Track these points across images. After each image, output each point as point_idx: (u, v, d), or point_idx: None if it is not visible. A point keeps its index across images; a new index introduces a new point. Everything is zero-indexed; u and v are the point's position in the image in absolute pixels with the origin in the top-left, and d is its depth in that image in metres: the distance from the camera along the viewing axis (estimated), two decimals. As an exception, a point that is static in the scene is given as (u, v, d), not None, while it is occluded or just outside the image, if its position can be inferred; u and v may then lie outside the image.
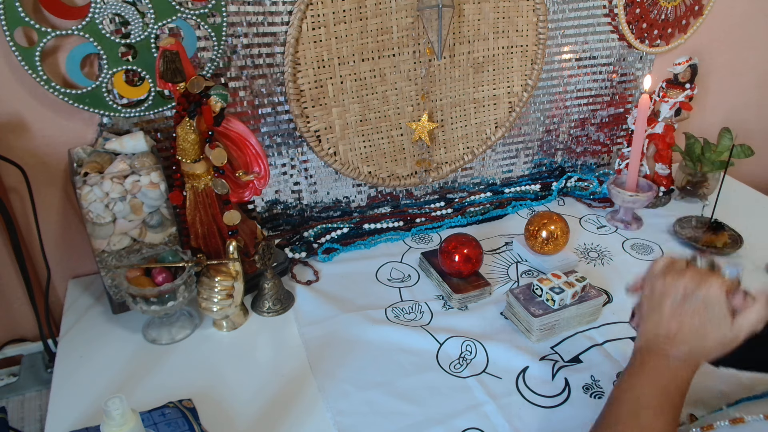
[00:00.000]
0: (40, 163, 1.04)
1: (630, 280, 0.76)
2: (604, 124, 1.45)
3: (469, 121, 1.31)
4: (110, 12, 0.94)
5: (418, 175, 1.31)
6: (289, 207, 1.25)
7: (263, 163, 1.01)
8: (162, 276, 0.93)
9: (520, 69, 1.30)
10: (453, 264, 1.04)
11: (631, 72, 1.40)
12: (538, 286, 0.97)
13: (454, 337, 0.97)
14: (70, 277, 1.14)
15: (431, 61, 1.20)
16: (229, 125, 0.97)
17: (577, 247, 1.21)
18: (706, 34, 1.43)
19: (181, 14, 0.98)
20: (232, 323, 1.00)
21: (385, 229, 1.25)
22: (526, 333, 0.97)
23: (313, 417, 0.83)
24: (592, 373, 0.90)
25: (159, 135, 1.07)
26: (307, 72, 1.12)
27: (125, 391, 0.87)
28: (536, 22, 1.25)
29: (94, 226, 0.94)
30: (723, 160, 1.30)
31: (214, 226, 1.00)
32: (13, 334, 1.18)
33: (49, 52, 0.96)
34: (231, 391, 0.87)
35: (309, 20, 1.08)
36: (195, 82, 0.88)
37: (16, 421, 1.07)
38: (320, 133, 1.19)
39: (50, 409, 0.84)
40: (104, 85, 0.98)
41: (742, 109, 1.64)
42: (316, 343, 0.96)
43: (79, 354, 0.95)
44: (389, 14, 1.13)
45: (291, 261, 1.15)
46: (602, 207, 1.36)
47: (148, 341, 0.97)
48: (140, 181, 0.94)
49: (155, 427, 0.78)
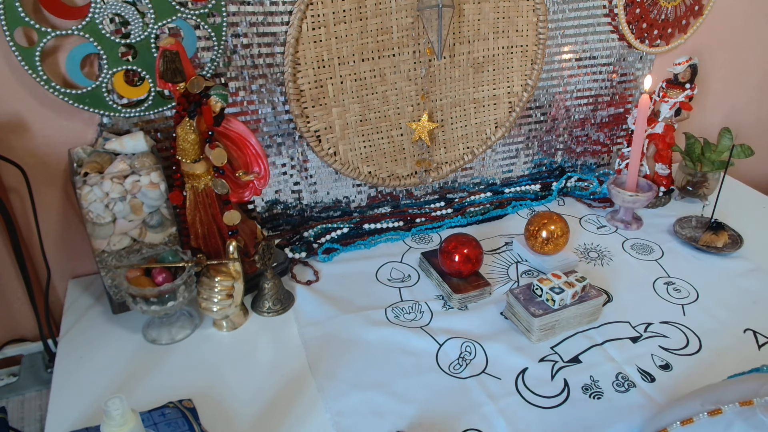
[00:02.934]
0: (40, 163, 1.04)
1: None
2: (604, 124, 1.45)
3: (469, 121, 1.31)
4: (110, 12, 0.94)
5: (418, 175, 1.31)
6: (289, 207, 1.25)
7: (263, 163, 1.01)
8: (162, 276, 0.93)
9: (520, 69, 1.30)
10: (453, 264, 1.04)
11: (631, 72, 1.40)
12: (538, 286, 0.97)
13: (453, 338, 0.97)
14: (70, 277, 1.14)
15: (431, 61, 1.20)
16: (229, 125, 0.97)
17: (577, 247, 1.21)
18: (706, 34, 1.43)
19: (181, 14, 0.98)
20: (232, 323, 1.00)
21: (385, 229, 1.25)
22: (526, 333, 0.97)
23: (312, 417, 0.83)
24: (592, 373, 0.90)
25: (159, 135, 1.07)
26: (307, 72, 1.12)
27: (125, 391, 0.87)
28: (536, 22, 1.25)
29: (94, 226, 0.94)
30: (723, 160, 1.30)
31: (214, 226, 1.00)
32: (13, 334, 1.18)
33: (49, 52, 0.96)
34: (231, 391, 0.87)
35: (309, 20, 1.08)
36: (195, 82, 0.88)
37: (16, 421, 1.07)
38: (320, 133, 1.19)
39: (50, 409, 0.84)
40: (104, 85, 0.98)
41: (742, 109, 1.64)
42: (316, 343, 0.96)
43: (79, 354, 0.95)
44: (389, 14, 1.13)
45: (291, 261, 1.15)
46: (602, 207, 1.36)
47: (148, 341, 0.97)
48: (140, 181, 0.94)
49: (155, 427, 0.78)
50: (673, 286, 1.10)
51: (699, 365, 0.92)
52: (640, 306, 1.05)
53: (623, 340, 0.97)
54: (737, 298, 1.07)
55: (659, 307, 1.05)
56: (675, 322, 1.01)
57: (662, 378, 0.90)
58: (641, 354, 0.94)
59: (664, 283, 1.11)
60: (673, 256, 1.19)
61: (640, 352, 0.94)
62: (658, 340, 0.97)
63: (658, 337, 0.98)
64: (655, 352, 0.95)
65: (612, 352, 0.94)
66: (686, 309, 1.04)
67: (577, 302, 0.97)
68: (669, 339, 0.97)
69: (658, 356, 0.94)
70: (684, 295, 1.08)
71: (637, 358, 0.93)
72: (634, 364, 0.92)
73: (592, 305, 0.99)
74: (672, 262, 1.17)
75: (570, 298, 0.96)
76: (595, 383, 0.89)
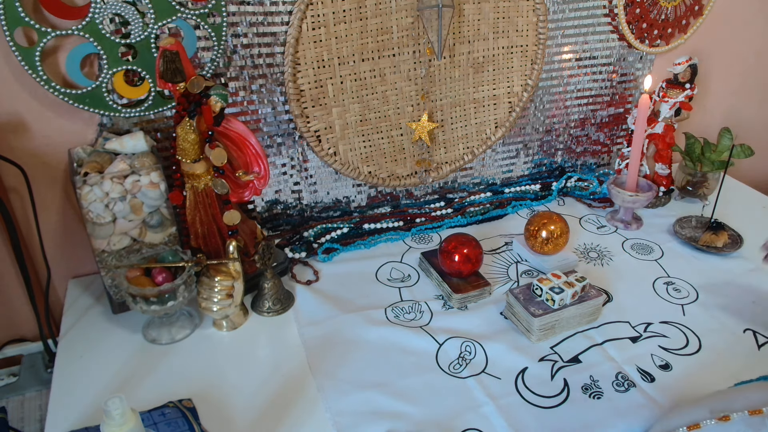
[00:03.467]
0: (40, 163, 1.04)
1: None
2: (604, 124, 1.45)
3: (469, 121, 1.31)
4: (110, 12, 0.94)
5: (418, 175, 1.31)
6: (289, 207, 1.25)
7: (263, 163, 1.01)
8: (162, 276, 0.93)
9: (520, 69, 1.30)
10: (453, 264, 1.04)
11: (631, 72, 1.40)
12: (538, 286, 0.97)
13: (453, 338, 0.97)
14: (70, 277, 1.14)
15: (431, 61, 1.20)
16: (229, 125, 0.97)
17: (577, 247, 1.21)
18: (706, 34, 1.43)
19: (181, 14, 0.98)
20: (232, 323, 1.00)
21: (385, 229, 1.25)
22: (525, 333, 0.97)
23: (312, 417, 0.83)
24: (591, 373, 0.90)
25: (159, 135, 1.07)
26: (307, 72, 1.12)
27: (125, 391, 0.87)
28: (536, 22, 1.25)
29: (94, 226, 0.94)
30: (723, 160, 1.30)
31: (214, 226, 1.00)
32: (13, 334, 1.18)
33: (49, 52, 0.96)
34: (231, 391, 0.87)
35: (309, 20, 1.08)
36: (195, 82, 0.88)
37: (16, 421, 1.07)
38: (320, 133, 1.19)
39: (50, 409, 0.84)
40: (104, 85, 0.98)
41: (742, 109, 1.64)
42: (316, 343, 0.96)
43: (79, 354, 0.95)
44: (389, 14, 1.13)
45: (291, 261, 1.15)
46: (602, 207, 1.36)
47: (148, 341, 0.97)
48: (140, 181, 0.94)
49: (155, 427, 0.78)
50: (672, 286, 1.10)
51: (699, 365, 0.92)
52: (640, 306, 1.05)
53: (623, 340, 0.97)
54: (737, 298, 1.07)
55: (659, 307, 1.05)
56: (675, 322, 1.01)
57: (662, 378, 0.90)
58: (641, 354, 0.94)
59: (664, 283, 1.11)
60: (673, 256, 1.19)
61: (639, 352, 0.94)
62: (658, 340, 0.97)
63: (657, 337, 0.98)
64: (654, 352, 0.95)
65: (612, 352, 0.94)
66: (686, 309, 1.04)
67: (576, 302, 0.97)
68: (669, 339, 0.97)
69: (657, 356, 0.94)
70: (684, 295, 1.08)
71: (637, 358, 0.93)
72: (634, 364, 0.92)
73: (592, 305, 0.99)
74: (672, 262, 1.17)
75: (570, 298, 0.96)
76: (595, 383, 0.89)
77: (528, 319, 0.95)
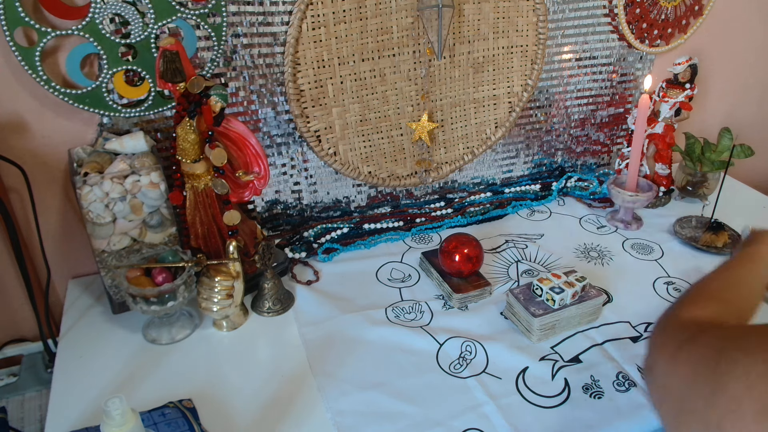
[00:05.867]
0: (40, 163, 1.04)
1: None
2: (604, 124, 1.45)
3: (469, 121, 1.31)
4: (110, 12, 0.94)
5: (418, 175, 1.31)
6: (289, 207, 1.25)
7: (263, 163, 1.01)
8: (162, 276, 0.93)
9: (520, 69, 1.30)
10: (453, 264, 1.04)
11: (631, 72, 1.40)
12: (538, 286, 0.97)
13: (454, 338, 0.97)
14: (70, 277, 1.14)
15: (431, 61, 1.20)
16: (229, 125, 0.97)
17: (577, 247, 1.21)
18: (706, 34, 1.43)
19: (181, 14, 0.98)
20: (232, 323, 1.00)
21: (385, 229, 1.25)
22: (526, 333, 0.97)
23: (312, 417, 0.83)
24: (592, 373, 0.90)
25: (159, 135, 1.07)
26: (307, 72, 1.12)
27: (125, 391, 0.87)
28: (536, 22, 1.25)
29: (94, 226, 0.94)
30: (723, 160, 1.30)
31: (214, 226, 1.00)
32: (13, 334, 1.18)
33: (49, 52, 0.96)
34: (231, 391, 0.87)
35: (309, 20, 1.08)
36: (195, 82, 0.88)
37: (16, 421, 1.07)
38: (320, 133, 1.19)
39: (50, 409, 0.84)
40: (104, 85, 0.98)
41: (742, 109, 1.64)
42: (316, 343, 0.96)
43: (79, 354, 0.95)
44: (389, 14, 1.13)
45: (291, 261, 1.15)
46: (602, 207, 1.36)
47: (148, 341, 0.97)
48: (140, 181, 0.94)
49: (155, 427, 0.78)
50: (673, 285, 1.10)
51: (699, 365, 0.92)
52: (640, 306, 1.05)
53: (623, 339, 0.97)
54: (737, 297, 1.07)
55: (659, 306, 1.05)
56: (675, 322, 1.01)
57: (662, 378, 0.90)
58: (642, 354, 0.94)
59: (664, 283, 1.11)
60: (673, 256, 1.19)
61: (640, 352, 0.94)
62: (659, 340, 0.97)
63: (658, 336, 0.98)
64: (655, 351, 0.94)
65: (612, 352, 0.94)
66: (686, 309, 1.04)
67: (577, 302, 0.97)
68: (669, 339, 0.97)
69: (658, 356, 0.94)
70: (684, 295, 1.08)
71: (638, 358, 0.93)
72: (635, 364, 0.92)
73: (592, 305, 0.99)
74: (672, 262, 1.17)
75: (570, 298, 0.96)
76: (596, 383, 0.89)
77: (528, 319, 0.95)
